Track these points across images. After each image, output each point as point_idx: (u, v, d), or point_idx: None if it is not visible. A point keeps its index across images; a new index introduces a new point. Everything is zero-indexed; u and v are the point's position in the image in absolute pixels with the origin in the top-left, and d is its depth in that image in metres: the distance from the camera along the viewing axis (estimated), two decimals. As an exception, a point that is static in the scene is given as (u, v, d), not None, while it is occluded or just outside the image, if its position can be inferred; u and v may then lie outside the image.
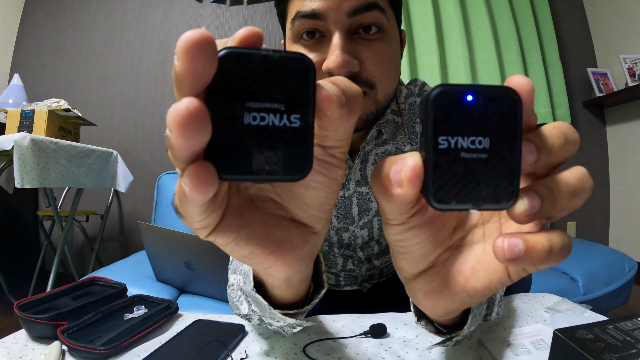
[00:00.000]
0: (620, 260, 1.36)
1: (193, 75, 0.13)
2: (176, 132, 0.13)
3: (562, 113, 2.19)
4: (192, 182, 0.14)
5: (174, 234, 0.98)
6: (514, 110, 0.16)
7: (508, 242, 0.17)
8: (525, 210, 0.17)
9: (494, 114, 0.16)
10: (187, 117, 0.13)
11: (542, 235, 0.17)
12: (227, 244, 0.19)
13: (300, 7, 0.44)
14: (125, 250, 2.26)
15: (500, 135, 0.16)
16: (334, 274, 0.68)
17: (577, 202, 0.18)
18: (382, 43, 0.45)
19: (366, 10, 0.43)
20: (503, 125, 0.16)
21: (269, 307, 0.33)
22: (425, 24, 2.08)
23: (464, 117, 0.16)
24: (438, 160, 0.16)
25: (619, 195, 2.25)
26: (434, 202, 0.17)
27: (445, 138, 0.16)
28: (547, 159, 0.18)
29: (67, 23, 2.38)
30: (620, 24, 2.19)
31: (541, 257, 0.17)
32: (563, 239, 0.17)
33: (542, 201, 0.17)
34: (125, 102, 2.31)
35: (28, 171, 1.23)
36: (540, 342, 0.42)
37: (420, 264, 0.23)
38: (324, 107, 0.16)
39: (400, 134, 0.56)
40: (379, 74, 0.46)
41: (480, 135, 0.16)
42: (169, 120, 0.13)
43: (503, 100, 0.16)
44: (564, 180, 0.18)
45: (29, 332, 0.45)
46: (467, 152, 0.16)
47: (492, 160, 0.16)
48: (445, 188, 0.16)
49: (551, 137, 0.18)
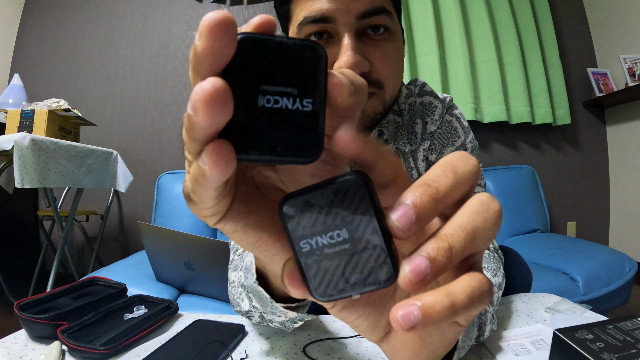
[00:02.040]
0: (620, 260, 1.36)
1: (214, 55, 0.13)
2: (202, 110, 0.13)
3: (562, 113, 2.19)
4: (212, 160, 0.14)
5: (174, 234, 0.98)
6: (361, 194, 0.16)
7: (402, 313, 0.15)
8: (409, 280, 0.15)
9: (343, 205, 0.16)
10: (214, 94, 0.13)
11: (440, 293, 0.15)
12: (235, 231, 0.19)
13: (309, 11, 0.44)
14: (125, 250, 2.26)
15: (355, 222, 0.16)
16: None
17: (485, 236, 0.16)
18: (389, 43, 0.46)
19: (374, 15, 0.44)
20: (355, 211, 0.16)
21: (271, 300, 0.33)
22: (425, 24, 2.08)
23: (314, 219, 0.16)
24: (307, 262, 0.17)
25: (619, 195, 2.25)
26: (317, 297, 0.18)
27: (306, 241, 0.17)
28: (433, 210, 0.16)
29: (67, 23, 2.38)
30: (620, 24, 2.19)
31: (445, 316, 0.15)
32: (471, 284, 0.16)
33: (431, 260, 0.15)
34: (125, 102, 2.31)
35: (28, 171, 1.23)
36: (540, 342, 0.42)
37: (375, 332, 0.22)
38: (335, 94, 0.16)
39: (401, 134, 0.56)
40: (387, 74, 0.46)
41: (336, 229, 0.16)
42: (195, 99, 0.13)
43: (346, 189, 0.16)
44: (458, 221, 0.16)
45: (29, 332, 0.45)
46: (329, 247, 0.17)
47: (356, 246, 0.16)
48: (323, 283, 0.17)
49: (432, 183, 0.16)
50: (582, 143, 2.31)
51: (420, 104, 0.57)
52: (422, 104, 0.57)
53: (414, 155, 0.57)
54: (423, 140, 0.57)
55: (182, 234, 0.96)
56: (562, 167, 2.27)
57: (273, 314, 0.37)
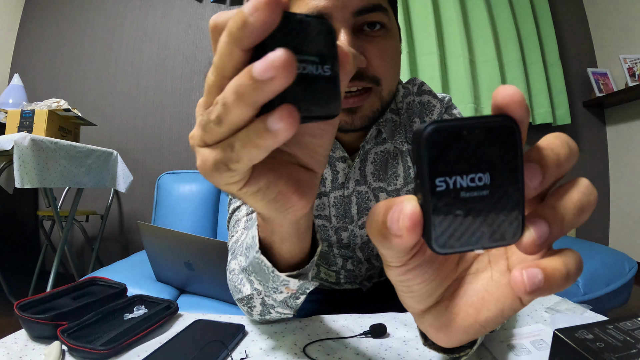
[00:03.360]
0: (620, 260, 1.36)
1: (265, 27, 0.15)
2: (281, 75, 0.15)
3: (562, 113, 2.19)
4: (285, 120, 0.16)
5: (174, 234, 0.98)
6: (513, 140, 0.15)
7: (527, 274, 0.16)
8: (533, 241, 0.16)
9: (492, 147, 0.15)
10: (290, 61, 0.15)
11: (557, 260, 0.16)
12: (258, 190, 0.21)
13: (305, 8, 0.44)
14: (125, 250, 2.26)
15: (501, 168, 0.15)
16: (335, 272, 0.68)
17: (585, 217, 0.17)
18: (385, 40, 0.46)
19: (370, 12, 0.44)
20: (503, 156, 0.15)
21: (272, 269, 0.34)
22: (425, 24, 2.08)
23: (460, 154, 0.15)
24: (437, 204, 0.15)
25: (619, 195, 2.25)
26: (436, 247, 0.16)
27: (443, 179, 0.15)
28: (554, 175, 0.17)
29: (67, 23, 2.38)
30: (620, 24, 2.19)
31: (560, 283, 0.16)
32: (576, 259, 0.17)
33: (549, 226, 0.16)
34: (125, 102, 2.31)
35: (28, 171, 1.23)
36: (540, 342, 0.42)
37: (427, 300, 0.22)
38: (344, 61, 0.19)
39: (399, 132, 0.56)
40: (384, 70, 0.47)
41: (479, 172, 0.15)
42: (276, 65, 0.14)
43: (500, 131, 0.15)
44: (569, 197, 0.17)
45: (29, 332, 0.45)
46: (467, 191, 0.15)
47: (494, 196, 0.15)
48: (447, 232, 0.16)
49: (554, 149, 0.17)
50: (582, 143, 2.31)
51: (418, 103, 0.57)
52: (420, 103, 0.57)
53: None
54: None
55: (182, 234, 0.96)
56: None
57: (275, 292, 0.37)
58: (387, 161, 0.57)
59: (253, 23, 0.15)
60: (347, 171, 0.56)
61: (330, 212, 0.59)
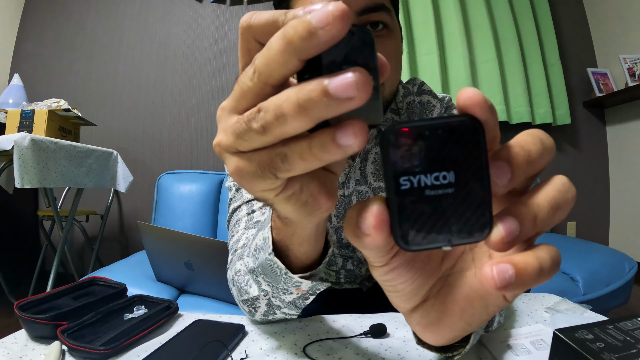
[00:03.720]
0: (620, 260, 1.36)
1: (333, 42, 0.14)
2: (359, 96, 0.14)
3: (562, 113, 2.19)
4: (360, 139, 0.15)
5: (174, 234, 0.98)
6: (476, 138, 0.15)
7: (497, 270, 0.16)
8: (501, 238, 0.16)
9: (456, 146, 0.15)
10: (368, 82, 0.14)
11: (529, 255, 0.16)
12: (292, 194, 0.20)
13: None
14: (125, 250, 2.26)
15: (465, 166, 0.15)
16: (335, 272, 0.68)
17: (561, 214, 0.17)
18: (388, 40, 0.47)
19: (373, 11, 0.44)
20: (467, 155, 0.15)
21: (286, 271, 0.33)
22: (425, 24, 2.08)
23: (424, 153, 0.15)
24: (402, 202, 0.16)
25: (619, 195, 2.25)
26: (403, 244, 0.16)
27: (407, 178, 0.15)
28: (525, 172, 0.17)
29: (67, 23, 2.38)
30: (620, 24, 2.19)
31: (533, 278, 0.16)
32: (551, 254, 0.17)
33: (520, 224, 0.16)
34: (125, 102, 2.31)
35: (28, 171, 1.23)
36: (540, 342, 0.42)
37: (413, 299, 0.22)
38: (383, 71, 0.17)
39: None
40: None
41: (443, 170, 0.15)
42: (359, 86, 0.14)
43: (463, 130, 0.15)
44: (543, 194, 0.17)
45: (29, 332, 0.45)
46: (431, 189, 0.16)
47: (459, 194, 0.16)
48: (413, 229, 0.16)
49: (524, 146, 0.17)
50: (582, 143, 2.31)
51: (419, 103, 0.57)
52: (420, 103, 0.57)
53: None
54: None
55: (182, 234, 0.96)
56: (562, 167, 2.27)
57: (284, 293, 0.37)
58: None
59: (322, 36, 0.14)
60: (348, 171, 0.56)
61: (331, 212, 0.59)
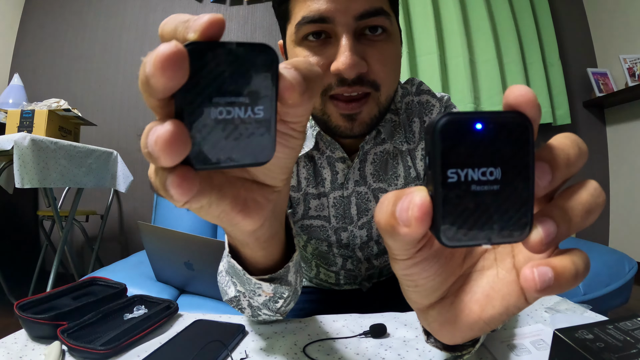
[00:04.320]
0: (620, 260, 1.36)
1: (166, 89, 0.14)
2: (161, 152, 0.14)
3: (562, 113, 2.19)
4: (178, 193, 0.16)
5: (174, 234, 0.98)
6: (525, 137, 0.15)
7: (538, 272, 0.16)
8: (540, 240, 0.16)
9: (505, 142, 0.15)
10: (172, 137, 0.14)
11: (567, 259, 0.16)
12: (201, 207, 0.21)
13: (307, 11, 0.44)
14: (125, 250, 2.26)
15: (512, 164, 0.15)
16: (334, 272, 0.68)
17: (592, 219, 0.17)
18: (387, 44, 0.46)
19: (372, 16, 0.44)
20: (515, 153, 0.15)
21: (243, 272, 0.34)
22: (425, 24, 2.08)
23: (473, 147, 0.15)
24: (447, 195, 0.15)
25: (619, 195, 2.25)
26: (444, 240, 0.16)
27: (455, 171, 0.15)
28: (564, 175, 0.17)
29: (67, 23, 2.38)
30: (620, 24, 2.19)
31: (569, 282, 0.16)
32: (584, 259, 0.17)
33: (557, 226, 0.16)
34: (125, 102, 2.31)
35: (28, 171, 1.23)
36: (540, 342, 0.42)
37: (432, 296, 0.22)
38: (285, 97, 0.17)
39: (398, 133, 0.56)
40: (384, 75, 0.46)
41: (491, 166, 0.15)
42: (156, 141, 0.14)
43: (514, 127, 0.15)
44: (578, 199, 0.17)
45: (29, 332, 0.45)
46: (477, 184, 0.15)
47: (504, 191, 0.15)
48: (455, 224, 0.15)
49: (565, 149, 0.17)
50: (582, 143, 2.31)
51: (417, 103, 0.57)
52: (419, 103, 0.57)
53: (411, 154, 0.57)
54: (421, 140, 0.57)
55: (182, 234, 0.96)
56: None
57: (254, 294, 0.37)
58: (387, 161, 0.57)
59: (154, 85, 0.14)
60: (347, 172, 0.56)
61: (330, 213, 0.59)
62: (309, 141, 0.55)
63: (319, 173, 0.58)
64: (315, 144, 0.55)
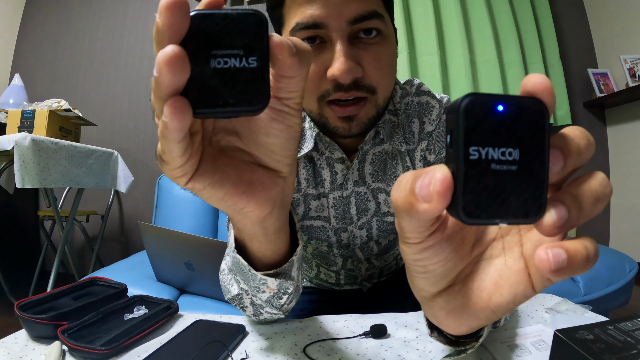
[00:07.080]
0: (620, 261, 1.36)
1: (172, 28, 0.16)
2: (165, 70, 0.16)
3: (563, 113, 2.18)
4: (171, 112, 0.17)
5: (175, 234, 0.98)
6: (542, 122, 0.16)
7: (552, 253, 0.16)
8: (553, 222, 0.16)
9: (524, 125, 0.16)
10: (174, 56, 0.16)
11: (579, 243, 0.17)
12: (204, 188, 0.21)
13: (300, 17, 0.43)
14: (126, 251, 2.27)
15: (530, 147, 0.16)
16: (334, 272, 0.68)
17: (600, 207, 0.17)
18: (381, 47, 0.46)
19: (366, 19, 0.43)
20: (533, 136, 0.16)
21: (249, 268, 0.34)
22: (426, 24, 2.08)
23: (494, 127, 0.16)
24: (469, 172, 0.16)
25: (619, 195, 2.24)
26: (463, 216, 0.16)
27: (476, 149, 0.15)
28: (574, 163, 0.17)
29: (68, 23, 2.38)
30: (620, 24, 2.19)
31: (581, 265, 0.16)
32: (594, 244, 0.17)
33: (568, 211, 0.17)
34: (125, 102, 2.31)
35: (29, 171, 1.23)
36: (541, 342, 0.42)
37: (440, 282, 0.22)
38: (275, 51, 0.18)
39: (397, 133, 0.56)
40: (379, 78, 0.46)
41: (510, 146, 0.16)
42: (160, 61, 0.16)
43: (533, 111, 0.16)
44: (587, 187, 0.17)
45: (30, 332, 0.45)
46: (497, 163, 0.16)
47: (521, 172, 0.16)
48: (475, 201, 0.16)
49: (575, 139, 0.17)
50: (583, 143, 2.31)
51: (417, 104, 0.57)
52: (419, 104, 0.57)
53: (410, 154, 0.57)
54: (421, 140, 0.57)
55: (183, 234, 0.97)
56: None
57: (258, 291, 0.37)
58: (386, 162, 0.57)
59: (161, 27, 0.16)
60: (346, 172, 0.56)
61: (330, 213, 0.59)
62: (308, 142, 0.55)
63: (318, 174, 0.58)
64: (314, 145, 0.55)
